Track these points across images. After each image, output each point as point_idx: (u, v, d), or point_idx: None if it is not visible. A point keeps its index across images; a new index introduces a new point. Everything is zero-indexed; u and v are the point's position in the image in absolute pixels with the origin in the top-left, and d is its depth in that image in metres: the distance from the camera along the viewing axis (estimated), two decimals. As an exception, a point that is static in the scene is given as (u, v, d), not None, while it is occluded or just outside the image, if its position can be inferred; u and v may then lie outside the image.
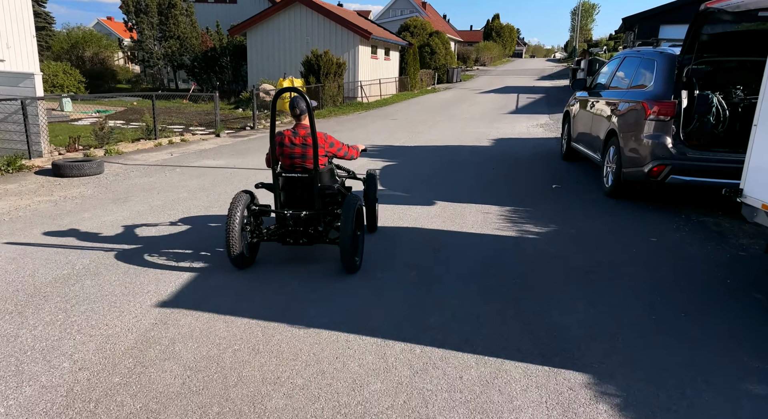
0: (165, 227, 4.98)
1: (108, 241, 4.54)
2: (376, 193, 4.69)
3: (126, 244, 4.46)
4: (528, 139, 11.15)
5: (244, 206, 3.81)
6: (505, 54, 70.40)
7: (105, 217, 5.29)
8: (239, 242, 3.73)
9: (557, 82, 33.02)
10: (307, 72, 18.03)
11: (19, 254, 4.17)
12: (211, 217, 5.36)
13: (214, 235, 4.72)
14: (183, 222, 5.15)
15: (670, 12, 21.91)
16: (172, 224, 5.06)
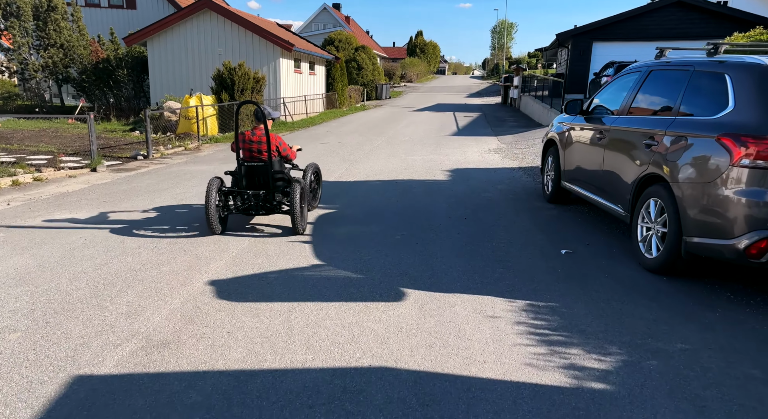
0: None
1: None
2: (308, 178, 5.96)
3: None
4: (487, 169, 9.34)
5: (217, 189, 5.22)
6: (430, 71, 70.60)
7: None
8: (215, 215, 5.19)
9: (488, 99, 32.38)
10: (218, 88, 15.38)
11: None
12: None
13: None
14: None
15: (602, 29, 21.57)
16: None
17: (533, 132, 13.90)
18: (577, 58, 21.90)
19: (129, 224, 5.67)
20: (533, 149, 11.03)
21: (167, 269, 4.27)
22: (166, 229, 5.50)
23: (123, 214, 6.13)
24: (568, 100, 5.80)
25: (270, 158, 5.19)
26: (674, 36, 20.78)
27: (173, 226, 5.62)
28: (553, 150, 6.48)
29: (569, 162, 5.89)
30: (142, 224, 5.70)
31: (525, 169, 9.08)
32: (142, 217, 6.00)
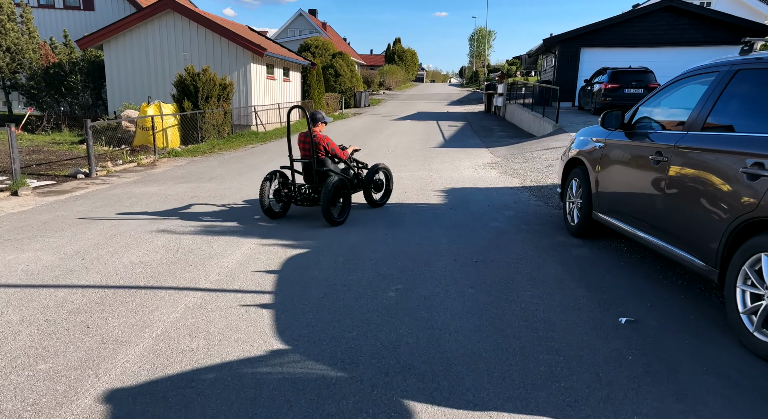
0: None
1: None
2: (371, 178, 6.60)
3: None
4: (487, 189, 8.06)
5: (271, 181, 6.06)
6: (409, 78, 69.74)
7: None
8: (266, 202, 6.00)
9: (470, 107, 31.40)
10: (180, 95, 13.84)
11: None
12: None
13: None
14: None
15: (590, 35, 20.69)
16: None
17: (527, 144, 12.74)
18: (565, 65, 21.01)
19: (52, 265, 4.17)
20: (534, 164, 9.82)
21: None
22: (55, 307, 4.02)
23: (38, 255, 4.62)
24: (606, 112, 4.54)
25: (312, 156, 6.03)
26: (664, 42, 20.04)
27: (72, 302, 4.14)
28: (578, 172, 5.21)
29: (606, 189, 4.62)
30: (22, 300, 4.20)
31: (531, 189, 7.83)
32: (37, 277, 4.50)
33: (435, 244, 5.18)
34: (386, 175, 6.94)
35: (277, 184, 6.19)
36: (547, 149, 11.12)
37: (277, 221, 6.16)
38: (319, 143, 6.05)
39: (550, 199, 7.09)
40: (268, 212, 6.07)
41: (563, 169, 5.70)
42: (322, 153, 6.10)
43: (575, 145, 5.42)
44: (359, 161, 6.94)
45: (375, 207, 6.75)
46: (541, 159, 10.19)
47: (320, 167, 6.09)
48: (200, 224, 5.97)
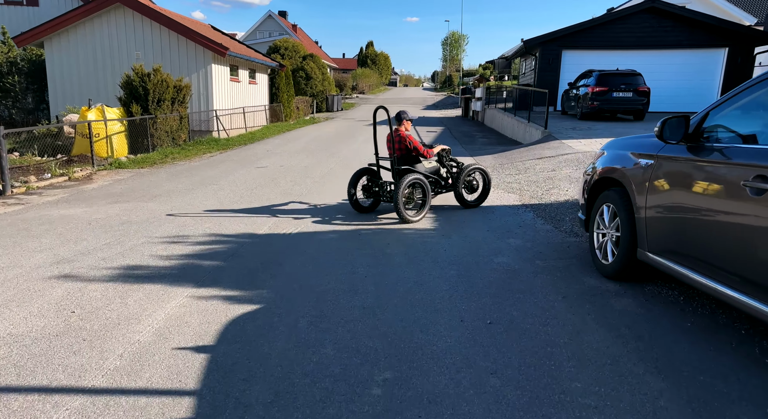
0: None
1: None
2: (462, 178, 6.55)
3: None
4: (482, 207, 6.85)
5: (357, 177, 6.39)
6: (382, 82, 68.72)
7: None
8: (354, 196, 6.32)
9: (446, 112, 30.41)
10: (128, 98, 12.25)
11: None
12: None
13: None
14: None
15: (572, 36, 19.85)
16: None
17: (516, 152, 11.63)
18: (546, 67, 20.15)
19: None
20: (529, 177, 8.67)
21: None
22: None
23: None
24: (666, 119, 3.34)
25: (393, 154, 6.23)
26: (648, 44, 19.37)
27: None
28: (613, 197, 4.01)
29: (662, 222, 3.42)
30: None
31: (534, 208, 6.65)
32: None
33: (431, 292, 3.90)
34: (483, 176, 6.79)
35: (366, 180, 6.49)
36: (540, 158, 10.01)
37: (222, 261, 4.79)
38: (401, 142, 6.25)
39: (560, 222, 5.91)
40: (356, 206, 6.43)
41: (586, 190, 4.50)
42: (404, 151, 6.28)
43: (604, 160, 4.24)
44: (457, 161, 6.82)
45: (468, 208, 6.68)
46: (535, 170, 9.05)
47: (401, 165, 6.22)
48: (121, 266, 4.55)
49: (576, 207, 6.46)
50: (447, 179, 6.70)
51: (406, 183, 5.85)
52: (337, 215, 6.44)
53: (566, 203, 6.69)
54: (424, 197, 6.13)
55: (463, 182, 6.57)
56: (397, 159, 6.24)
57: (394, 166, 6.23)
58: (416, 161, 6.41)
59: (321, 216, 6.41)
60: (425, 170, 6.40)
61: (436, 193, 6.54)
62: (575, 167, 8.76)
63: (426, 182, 6.10)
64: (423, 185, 6.09)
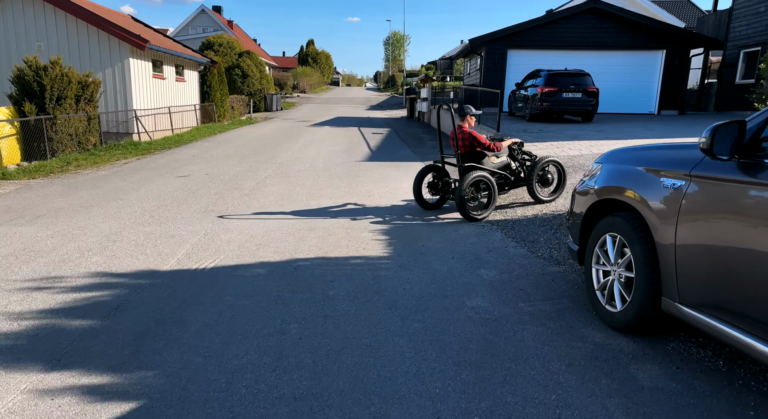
0: None
1: None
2: (535, 173, 6.20)
3: None
4: (444, 226, 5.86)
5: (422, 175, 6.30)
6: (324, 81, 67.16)
7: None
8: (418, 193, 6.29)
9: (391, 112, 29.55)
10: (20, 95, 10.39)
11: None
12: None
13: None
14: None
15: (517, 35, 19.44)
16: None
17: (469, 155, 10.78)
18: (492, 67, 19.65)
19: None
20: (489, 185, 7.79)
21: None
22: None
23: None
24: (718, 126, 2.42)
25: (457, 151, 6.11)
26: (591, 45, 19.29)
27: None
28: (621, 225, 3.08)
29: (702, 265, 2.50)
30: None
31: (501, 225, 5.73)
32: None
33: (390, 363, 2.83)
34: (558, 169, 6.49)
35: (431, 177, 6.34)
36: (497, 163, 9.20)
37: (99, 319, 3.49)
38: (465, 139, 6.04)
39: (534, 244, 5.00)
40: (422, 203, 6.36)
41: (578, 214, 3.58)
42: (468, 148, 6.06)
43: (605, 177, 3.33)
44: (529, 154, 6.56)
45: (540, 203, 6.38)
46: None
47: (465, 162, 6.03)
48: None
49: (548, 224, 5.60)
50: (519, 173, 6.40)
51: (468, 182, 5.65)
52: (262, 242, 5.24)
53: (535, 219, 5.82)
54: (489, 195, 5.87)
55: (536, 176, 6.21)
56: (461, 156, 6.03)
57: (459, 163, 6.05)
58: (482, 157, 6.14)
59: (249, 242, 5.19)
60: (493, 166, 6.16)
61: (506, 189, 6.35)
62: (537, 173, 7.98)
63: (491, 180, 5.83)
64: (488, 183, 5.83)
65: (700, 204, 2.54)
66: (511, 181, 6.35)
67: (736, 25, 19.23)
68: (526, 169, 6.40)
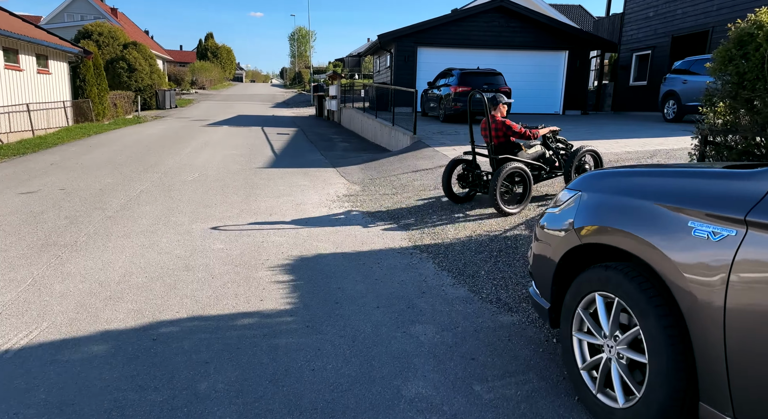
0: None
1: None
2: (572, 162, 5.80)
3: None
4: (361, 256, 4.75)
5: (451, 167, 5.96)
6: (226, 77, 63.43)
7: None
8: (448, 186, 5.97)
9: (298, 110, 28.00)
10: None
11: None
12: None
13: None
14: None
15: (426, 33, 18.85)
16: None
17: (386, 162, 9.80)
18: (402, 65, 18.93)
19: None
20: (410, 199, 6.81)
21: None
22: None
23: None
24: None
25: (490, 142, 5.75)
26: (499, 45, 19.21)
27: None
28: (620, 284, 2.13)
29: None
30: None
31: (432, 251, 4.73)
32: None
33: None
34: (595, 158, 6.15)
35: (461, 169, 6.01)
36: (416, 171, 8.28)
37: None
38: (498, 129, 5.70)
39: (476, 279, 4.05)
40: (451, 197, 6.05)
41: (557, 262, 2.61)
42: (502, 139, 5.72)
43: (588, 211, 2.38)
44: (565, 142, 6.27)
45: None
46: (416, 189, 7.26)
47: (497, 153, 5.72)
48: None
49: (485, 250, 4.69)
50: (553, 162, 6.07)
51: (503, 174, 5.37)
52: (116, 294, 3.80)
53: (470, 243, 4.90)
54: (524, 188, 5.59)
55: (573, 166, 5.85)
56: (494, 147, 5.73)
57: (491, 155, 5.77)
58: (516, 147, 5.82)
59: (94, 295, 3.72)
60: (527, 157, 5.86)
61: (541, 179, 6.02)
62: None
63: (527, 172, 5.55)
64: (524, 175, 5.55)
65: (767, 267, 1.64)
66: (547, 171, 6.04)
67: (628, 29, 20.14)
68: (560, 158, 6.09)
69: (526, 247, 4.60)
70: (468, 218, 5.64)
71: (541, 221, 2.78)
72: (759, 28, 4.02)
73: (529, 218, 5.38)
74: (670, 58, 17.30)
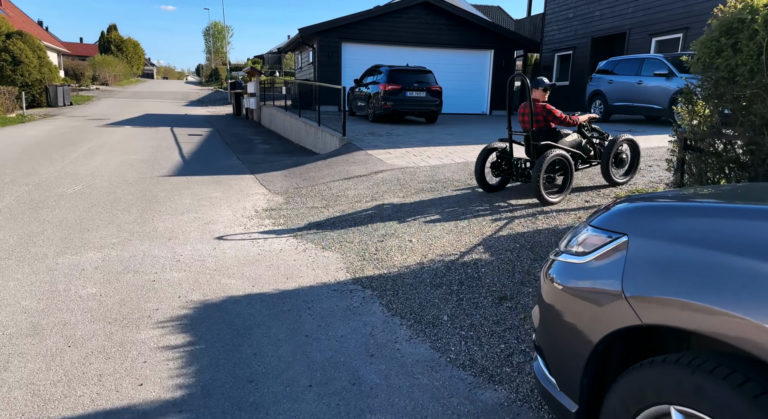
0: None
1: None
2: (611, 152, 5.49)
3: None
4: (284, 296, 3.68)
5: (485, 155, 5.61)
6: (133, 73, 58.68)
7: None
8: (481, 175, 5.63)
9: (214, 109, 25.98)
10: None
11: None
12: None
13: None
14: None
15: (351, 27, 17.89)
16: None
17: (313, 166, 8.69)
18: (327, 61, 17.84)
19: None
20: (345, 212, 5.81)
21: None
22: None
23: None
24: None
25: (531, 128, 5.39)
26: (426, 42, 18.63)
27: None
28: (730, 403, 1.30)
29: None
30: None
31: (377, 287, 3.76)
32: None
33: None
34: (632, 148, 5.79)
35: (495, 157, 5.72)
36: (349, 178, 7.28)
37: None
38: (538, 114, 5.40)
39: (438, 330, 3.12)
40: (483, 185, 5.75)
41: (594, 346, 1.70)
42: (542, 124, 5.45)
43: (652, 274, 1.50)
44: (600, 132, 5.93)
45: (614, 186, 5.62)
46: (349, 199, 6.26)
47: (537, 140, 5.42)
48: None
49: (442, 282, 3.79)
50: (589, 151, 5.81)
51: (547, 161, 5.10)
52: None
53: (422, 272, 3.99)
54: (565, 176, 5.38)
55: (611, 156, 5.58)
56: (534, 133, 5.45)
57: (531, 142, 5.48)
58: (555, 134, 5.59)
59: None
60: (567, 144, 5.60)
61: (576, 170, 5.68)
62: (401, 191, 6.26)
63: (570, 160, 5.34)
64: (566, 163, 5.33)
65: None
66: (584, 159, 5.76)
67: (549, 29, 20.36)
68: (596, 147, 5.84)
69: (491, 277, 3.75)
70: (421, 235, 4.73)
71: (551, 271, 1.89)
72: (752, 13, 3.43)
73: (486, 237, 4.56)
74: (591, 58, 17.59)
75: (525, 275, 3.70)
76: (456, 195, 5.89)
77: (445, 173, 6.90)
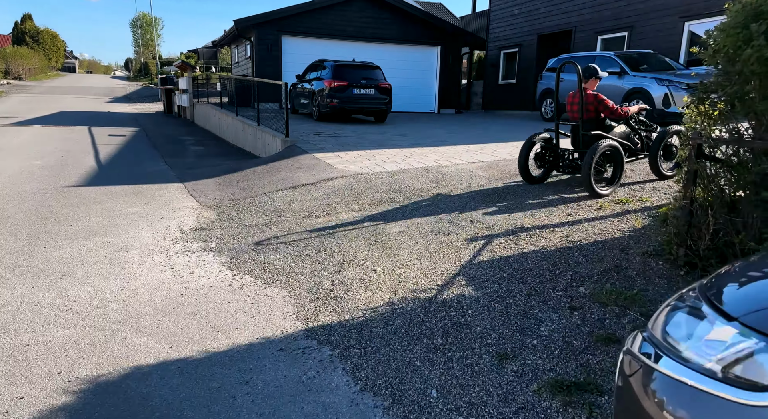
0: None
1: None
2: (661, 143, 5.23)
3: None
4: (221, 359, 2.72)
5: (529, 145, 5.39)
6: (51, 66, 54.05)
7: None
8: (525, 167, 5.44)
9: (143, 106, 23.96)
10: None
11: None
12: None
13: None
14: None
15: (291, 20, 16.73)
16: None
17: (251, 172, 7.62)
18: (266, 56, 16.64)
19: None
20: (291, 232, 4.87)
21: None
22: None
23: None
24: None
25: (580, 117, 5.22)
26: (371, 37, 17.79)
27: None
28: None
29: None
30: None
31: (335, 341, 2.89)
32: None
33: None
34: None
35: (539, 148, 5.52)
36: (294, 187, 6.32)
37: None
38: (588, 103, 5.21)
39: (429, 416, 2.31)
40: (527, 177, 5.57)
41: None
42: (593, 114, 5.27)
43: None
44: (646, 123, 5.74)
45: (663, 180, 5.37)
46: (296, 214, 5.32)
47: (587, 130, 5.25)
48: None
49: (424, 336, 2.98)
50: (637, 144, 5.61)
51: (599, 151, 4.88)
52: None
53: (393, 317, 3.15)
54: (615, 168, 5.11)
55: (660, 149, 5.30)
56: (584, 123, 5.20)
57: (580, 131, 5.26)
58: (604, 124, 5.32)
59: None
60: (617, 136, 5.33)
61: (626, 161, 5.42)
62: (356, 203, 5.40)
63: (621, 151, 5.08)
64: (617, 154, 5.07)
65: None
66: (632, 151, 5.55)
67: (495, 26, 20.07)
68: (644, 139, 5.67)
69: (481, 323, 2.97)
70: (387, 263, 3.88)
71: (654, 385, 1.12)
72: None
73: (464, 263, 3.79)
74: (538, 56, 17.41)
75: (524, 319, 2.95)
76: (420, 207, 5.11)
77: (405, 181, 6.10)
